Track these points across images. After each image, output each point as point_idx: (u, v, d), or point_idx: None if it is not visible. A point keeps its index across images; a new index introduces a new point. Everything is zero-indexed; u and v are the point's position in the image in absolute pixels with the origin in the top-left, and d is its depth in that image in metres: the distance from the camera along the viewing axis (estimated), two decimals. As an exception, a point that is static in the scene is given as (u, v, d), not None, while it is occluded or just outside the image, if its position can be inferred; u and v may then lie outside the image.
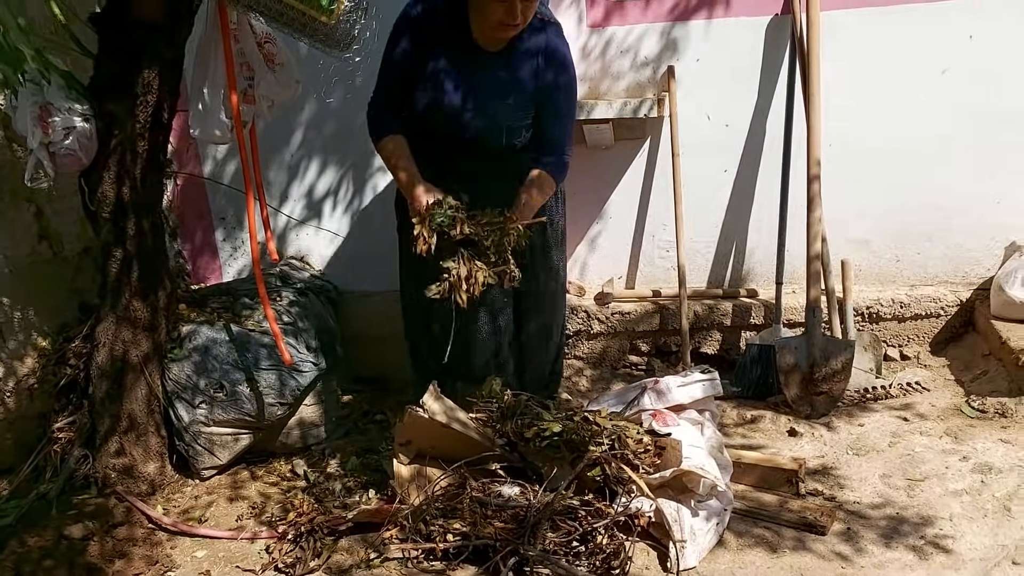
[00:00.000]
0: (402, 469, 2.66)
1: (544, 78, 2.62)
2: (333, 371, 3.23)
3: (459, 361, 2.83)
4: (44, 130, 2.45)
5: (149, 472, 2.89)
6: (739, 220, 3.54)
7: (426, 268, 2.72)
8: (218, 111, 2.59)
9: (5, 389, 3.02)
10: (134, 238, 2.73)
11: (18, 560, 2.44)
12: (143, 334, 2.82)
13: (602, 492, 2.47)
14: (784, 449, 2.95)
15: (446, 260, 2.48)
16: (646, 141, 3.50)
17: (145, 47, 2.51)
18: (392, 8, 2.56)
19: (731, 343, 3.57)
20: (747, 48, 3.33)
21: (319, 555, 2.52)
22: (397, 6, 2.75)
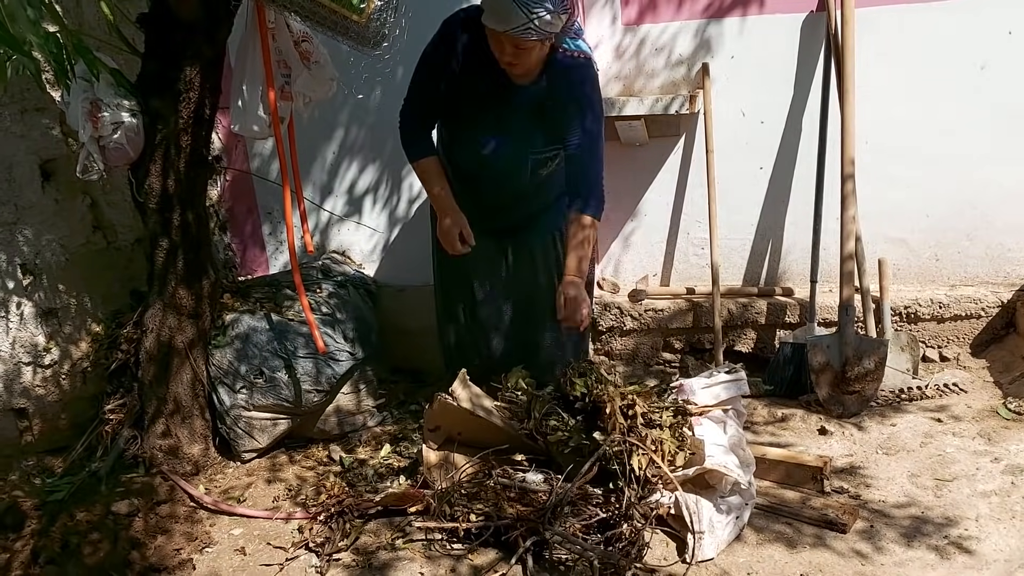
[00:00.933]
0: (431, 455, 2.74)
1: (578, 118, 2.62)
2: (369, 361, 3.33)
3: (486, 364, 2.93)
4: (94, 125, 2.60)
5: (193, 453, 3.01)
6: (775, 218, 3.53)
7: (455, 271, 2.86)
8: (257, 107, 2.71)
9: (61, 372, 3.19)
10: (179, 229, 2.86)
11: (67, 532, 2.57)
12: (188, 321, 2.96)
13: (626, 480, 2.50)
14: (813, 447, 2.94)
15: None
16: (680, 139, 3.52)
17: (187, 46, 2.64)
18: (422, 7, 2.64)
19: (765, 342, 3.56)
20: (782, 45, 3.32)
21: (347, 536, 2.61)
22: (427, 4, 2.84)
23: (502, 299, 3.00)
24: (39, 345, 3.14)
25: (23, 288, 3.08)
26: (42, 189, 3.06)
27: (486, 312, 3.01)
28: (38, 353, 3.14)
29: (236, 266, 3.88)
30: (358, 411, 3.29)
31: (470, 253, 2.82)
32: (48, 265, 3.10)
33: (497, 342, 3.04)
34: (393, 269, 3.75)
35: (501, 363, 2.96)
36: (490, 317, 3.02)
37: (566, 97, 2.62)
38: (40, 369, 3.16)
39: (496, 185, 2.79)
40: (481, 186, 2.80)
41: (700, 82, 3.40)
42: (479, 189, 2.81)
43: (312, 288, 3.32)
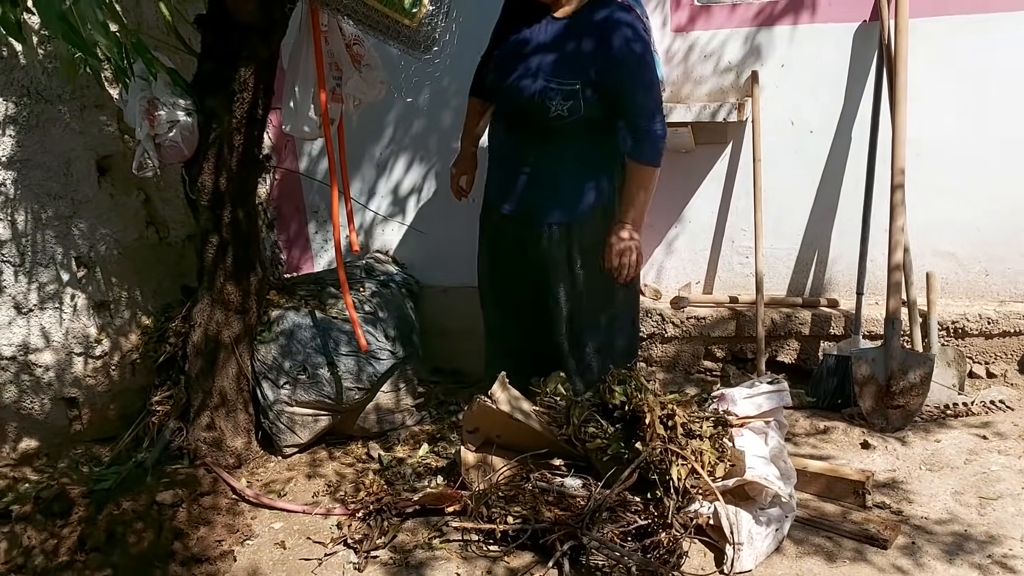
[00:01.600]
0: (468, 456, 2.76)
1: (607, 51, 2.63)
2: (410, 361, 3.36)
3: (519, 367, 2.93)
4: (151, 123, 2.66)
5: (236, 446, 3.06)
6: (822, 228, 3.50)
7: (487, 270, 2.96)
8: (308, 108, 2.75)
9: (111, 363, 3.26)
10: (229, 225, 2.91)
11: (113, 521, 2.62)
12: (235, 316, 3.01)
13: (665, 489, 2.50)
14: (855, 461, 2.91)
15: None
16: (727, 146, 3.50)
17: (242, 47, 2.68)
18: (473, 11, 2.67)
19: (809, 353, 3.53)
20: (833, 54, 3.29)
21: (385, 534, 2.63)
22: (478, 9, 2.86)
23: (527, 299, 3.00)
24: (91, 336, 3.22)
25: (77, 280, 3.16)
26: (98, 184, 3.13)
27: (514, 313, 3.06)
28: (89, 344, 3.22)
29: (282, 263, 3.94)
30: (397, 410, 3.32)
31: (497, 256, 2.96)
32: (102, 258, 3.18)
33: (528, 344, 3.06)
34: (436, 270, 3.79)
35: (534, 366, 2.96)
36: (518, 318, 3.06)
37: (600, 39, 2.64)
38: (91, 360, 3.23)
39: (513, 124, 2.84)
40: (504, 131, 2.90)
41: (749, 90, 3.38)
42: (503, 138, 2.90)
43: (355, 287, 3.36)
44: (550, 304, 2.94)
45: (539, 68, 2.68)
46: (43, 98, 2.99)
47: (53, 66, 2.95)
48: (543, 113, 2.68)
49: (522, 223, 2.90)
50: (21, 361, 3.16)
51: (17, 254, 3.07)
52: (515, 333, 3.11)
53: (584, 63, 2.64)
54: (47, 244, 3.09)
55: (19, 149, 3.00)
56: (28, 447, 3.26)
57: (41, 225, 3.07)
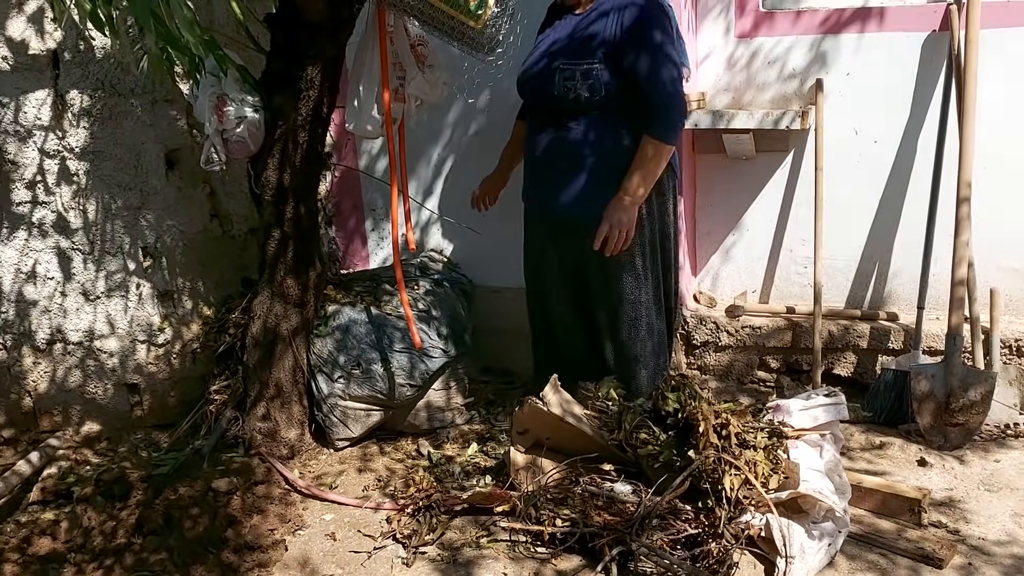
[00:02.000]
0: (518, 457, 2.77)
1: (619, 30, 2.69)
2: (461, 359, 3.38)
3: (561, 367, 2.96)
4: (219, 118, 2.72)
5: (290, 438, 3.11)
6: (883, 240, 3.44)
7: (530, 271, 3.05)
8: (371, 108, 2.79)
9: (172, 351, 3.34)
10: (291, 221, 2.97)
11: (169, 506, 2.68)
12: (293, 310, 3.06)
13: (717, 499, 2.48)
14: (911, 478, 2.85)
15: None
16: (789, 154, 3.46)
17: (310, 46, 2.73)
18: (537, 13, 2.68)
19: (866, 367, 3.47)
20: (901, 64, 3.23)
21: (434, 530, 2.65)
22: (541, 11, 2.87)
23: (563, 297, 3.05)
24: (154, 325, 3.30)
25: (143, 270, 3.24)
26: (166, 177, 3.21)
27: (554, 312, 3.09)
28: (152, 332, 3.30)
29: (339, 259, 4.00)
30: (447, 408, 3.35)
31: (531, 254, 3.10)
32: (168, 249, 3.26)
33: (569, 343, 3.10)
34: (489, 270, 3.80)
35: (574, 366, 3.02)
36: (560, 317, 3.09)
37: (614, 20, 2.70)
38: (153, 348, 3.32)
39: (539, 118, 2.92)
40: (531, 129, 2.96)
41: (812, 98, 3.34)
42: (530, 137, 2.96)
43: (410, 285, 3.40)
44: (578, 302, 3.01)
45: (557, 54, 2.78)
46: (116, 92, 3.08)
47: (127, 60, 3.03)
48: (564, 96, 2.74)
49: (548, 220, 2.97)
50: (87, 347, 3.26)
51: (87, 243, 3.17)
52: (555, 333, 3.14)
53: (598, 43, 2.71)
54: (116, 234, 3.19)
55: (92, 141, 3.09)
56: (91, 430, 3.35)
57: (111, 215, 3.16)
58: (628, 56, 2.68)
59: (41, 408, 3.33)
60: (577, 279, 2.98)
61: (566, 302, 3.04)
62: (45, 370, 3.29)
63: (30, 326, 3.23)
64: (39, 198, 3.13)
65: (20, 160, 3.09)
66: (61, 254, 3.19)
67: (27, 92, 3.04)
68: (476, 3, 2.53)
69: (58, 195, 3.13)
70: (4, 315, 3.23)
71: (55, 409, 3.33)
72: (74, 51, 3.03)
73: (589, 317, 3.02)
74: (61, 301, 3.22)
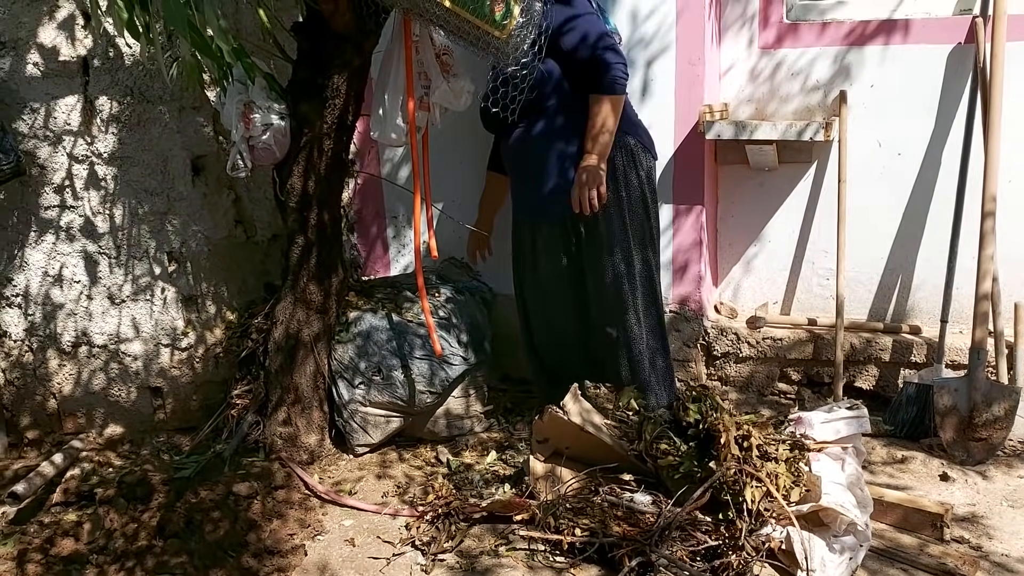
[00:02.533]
0: (537, 466, 2.77)
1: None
2: (481, 367, 3.39)
3: (555, 360, 3.19)
4: (246, 125, 2.75)
5: (310, 443, 3.13)
6: (906, 253, 3.42)
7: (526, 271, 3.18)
8: (396, 116, 2.81)
9: (195, 355, 3.37)
10: (315, 227, 2.99)
11: (191, 509, 2.70)
12: (315, 315, 3.08)
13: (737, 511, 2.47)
14: (933, 493, 2.83)
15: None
16: (812, 165, 3.45)
17: (336, 55, 2.76)
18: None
19: (888, 380, 3.45)
20: (925, 76, 3.22)
21: (452, 538, 2.66)
22: (567, 23, 2.86)
23: (550, 294, 3.18)
24: (178, 329, 3.33)
25: (168, 274, 3.28)
26: (192, 183, 3.25)
27: (543, 311, 3.22)
28: (176, 336, 3.33)
29: (360, 266, 4.02)
30: (466, 415, 3.35)
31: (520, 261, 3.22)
32: (192, 254, 3.29)
33: (554, 341, 3.24)
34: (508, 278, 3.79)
35: (561, 361, 3.22)
36: (547, 316, 3.23)
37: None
38: (177, 352, 3.35)
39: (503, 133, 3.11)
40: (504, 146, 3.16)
41: (836, 109, 3.33)
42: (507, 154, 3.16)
43: (431, 292, 3.41)
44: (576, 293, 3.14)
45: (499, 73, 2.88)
46: (144, 98, 3.12)
47: (155, 67, 3.07)
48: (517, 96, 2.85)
49: (531, 224, 3.12)
50: (111, 350, 3.30)
51: (113, 247, 3.21)
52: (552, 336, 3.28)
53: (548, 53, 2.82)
54: (142, 238, 3.22)
55: (120, 146, 3.13)
56: (114, 433, 3.39)
57: (137, 220, 3.20)
58: (568, 44, 2.84)
59: (65, 410, 3.37)
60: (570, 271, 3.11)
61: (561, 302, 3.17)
62: (70, 373, 3.32)
63: (56, 329, 3.27)
64: (67, 202, 3.17)
65: (49, 165, 3.13)
66: (88, 258, 3.23)
67: (57, 98, 3.08)
68: (501, 13, 2.55)
69: (86, 199, 3.17)
70: (31, 318, 3.27)
71: (79, 411, 3.37)
72: (104, 58, 3.07)
73: (584, 310, 3.15)
74: (87, 304, 3.26)
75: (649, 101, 3.35)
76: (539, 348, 3.31)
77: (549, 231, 3.07)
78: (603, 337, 3.12)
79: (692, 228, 3.43)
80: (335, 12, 2.61)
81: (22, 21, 3.02)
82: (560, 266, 3.10)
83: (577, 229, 3.03)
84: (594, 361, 3.17)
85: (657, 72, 3.31)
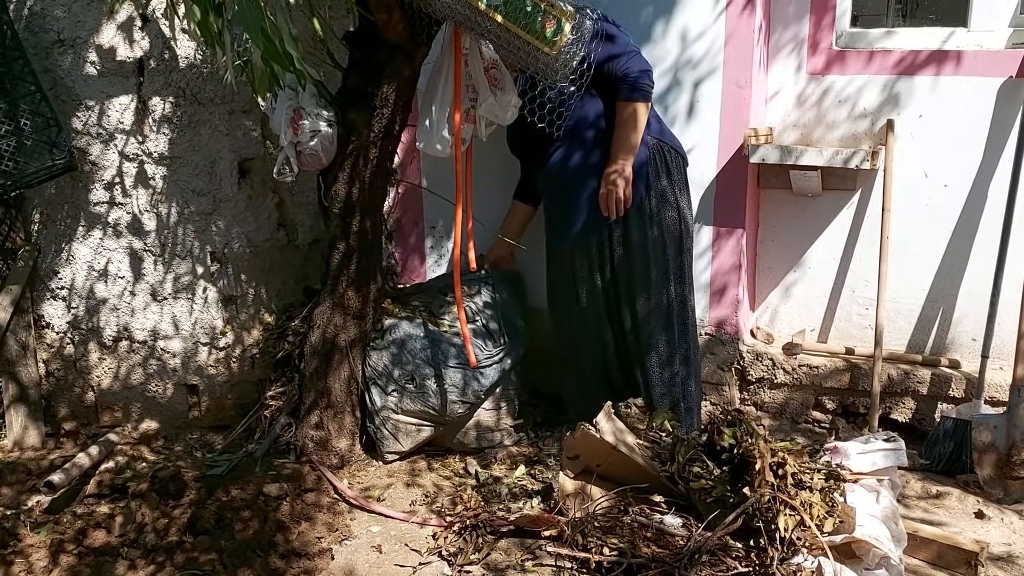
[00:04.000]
0: (567, 482, 2.76)
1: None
2: (512, 381, 3.39)
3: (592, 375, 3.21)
4: (295, 131, 2.79)
5: (341, 447, 3.15)
6: (949, 285, 3.38)
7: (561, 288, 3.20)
8: (443, 128, 2.83)
9: (232, 355, 3.41)
10: (356, 234, 3.02)
11: (222, 507, 2.73)
12: (352, 321, 3.11)
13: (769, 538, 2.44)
14: (968, 530, 2.78)
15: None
16: (856, 193, 3.42)
17: (387, 65, 2.80)
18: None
19: (925, 413, 3.40)
20: (975, 108, 3.19)
21: (480, 550, 2.66)
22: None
23: (587, 316, 3.20)
24: (217, 328, 3.37)
25: (210, 274, 3.32)
26: (238, 185, 3.30)
27: (579, 332, 3.24)
28: (215, 336, 3.37)
29: (396, 274, 4.04)
30: (496, 428, 3.35)
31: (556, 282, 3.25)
32: (235, 255, 3.34)
33: (591, 363, 3.26)
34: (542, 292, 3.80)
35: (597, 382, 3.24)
36: (583, 337, 3.24)
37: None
38: (215, 351, 3.39)
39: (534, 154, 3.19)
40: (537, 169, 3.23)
41: (883, 138, 3.30)
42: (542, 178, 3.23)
43: (468, 297, 3.39)
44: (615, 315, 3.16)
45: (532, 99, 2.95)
46: (196, 100, 3.17)
47: (208, 70, 3.13)
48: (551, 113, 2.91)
49: (571, 249, 3.16)
50: (151, 346, 3.34)
51: (158, 245, 3.26)
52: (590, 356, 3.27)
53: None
54: (186, 238, 3.27)
55: (170, 147, 3.19)
56: (148, 428, 3.43)
57: (183, 219, 3.25)
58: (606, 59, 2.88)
59: (103, 403, 3.42)
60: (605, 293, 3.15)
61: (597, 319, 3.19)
62: (109, 366, 3.38)
63: (98, 323, 3.33)
64: (116, 199, 3.23)
65: (101, 162, 3.20)
66: (133, 254, 3.28)
67: (112, 97, 3.15)
68: (552, 30, 2.57)
69: (134, 197, 3.23)
70: (74, 311, 3.33)
71: (116, 405, 3.42)
72: (159, 59, 3.13)
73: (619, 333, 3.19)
74: (130, 300, 3.31)
75: (694, 122, 3.35)
76: (576, 369, 3.31)
77: (586, 255, 3.12)
78: (639, 360, 3.15)
79: (732, 251, 3.41)
80: (389, 22, 2.64)
81: (82, 20, 3.10)
82: (597, 289, 3.15)
83: (614, 250, 3.08)
84: (630, 384, 3.21)
85: (704, 93, 3.31)
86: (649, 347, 3.12)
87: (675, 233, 3.08)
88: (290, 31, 1.93)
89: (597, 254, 3.11)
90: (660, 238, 3.06)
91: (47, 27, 3.10)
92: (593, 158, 3.03)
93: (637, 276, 3.08)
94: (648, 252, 3.06)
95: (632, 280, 3.09)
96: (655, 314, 3.10)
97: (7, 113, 2.93)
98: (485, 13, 2.51)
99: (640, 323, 3.11)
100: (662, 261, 3.07)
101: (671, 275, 3.09)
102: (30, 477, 2.97)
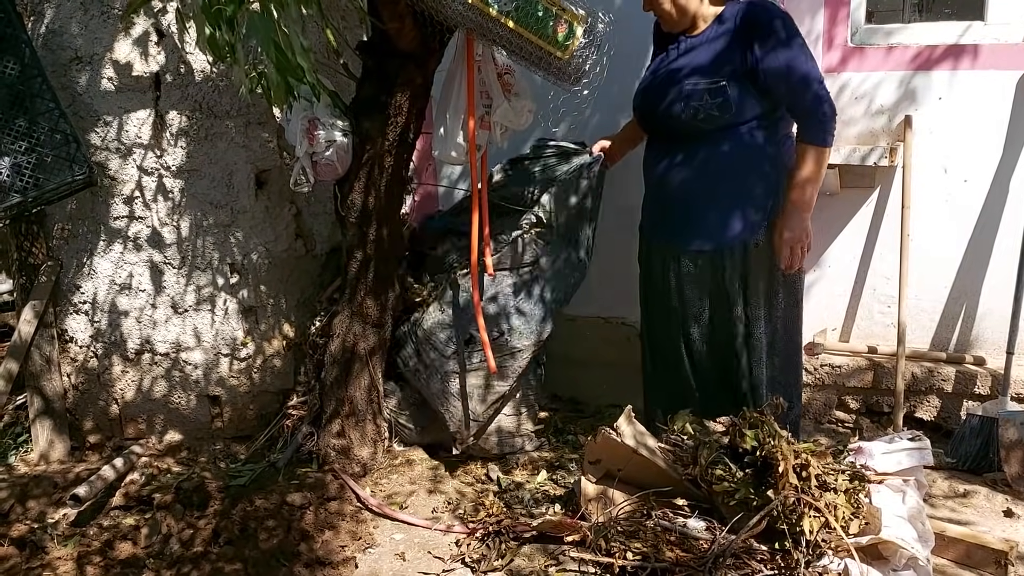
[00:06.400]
0: (589, 487, 2.75)
1: (748, 37, 2.64)
2: (533, 387, 3.38)
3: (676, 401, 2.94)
4: (310, 141, 2.81)
5: (363, 456, 3.15)
6: (972, 281, 3.34)
7: (654, 303, 2.96)
8: (457, 135, 2.83)
9: (253, 366, 3.43)
10: (374, 243, 3.03)
11: (246, 517, 2.75)
12: (371, 329, 3.11)
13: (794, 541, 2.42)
14: (996, 529, 2.75)
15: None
16: (875, 190, 3.40)
17: (400, 73, 2.81)
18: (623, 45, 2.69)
19: (950, 411, 3.36)
20: (994, 103, 3.16)
21: (503, 556, 2.65)
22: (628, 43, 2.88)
23: (680, 326, 2.95)
24: (237, 339, 3.39)
25: (230, 286, 3.34)
26: (255, 197, 3.32)
27: (672, 343, 2.99)
28: (236, 346, 3.39)
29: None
30: (517, 434, 3.35)
31: (649, 287, 2.98)
32: (254, 266, 3.35)
33: (690, 378, 3.01)
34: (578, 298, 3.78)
35: (696, 399, 2.97)
36: (676, 348, 2.99)
37: (740, 30, 2.66)
38: (236, 361, 3.41)
39: (662, 145, 2.88)
40: (654, 156, 2.92)
41: (901, 134, 3.28)
42: (653, 164, 2.91)
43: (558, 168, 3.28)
44: (701, 335, 2.93)
45: (681, 77, 2.73)
46: (213, 113, 3.20)
47: (225, 84, 3.15)
48: (692, 118, 2.70)
49: (666, 250, 2.92)
50: (173, 358, 3.37)
51: (178, 257, 3.29)
52: (672, 368, 3.03)
53: (726, 58, 2.67)
54: (206, 250, 3.29)
55: (188, 160, 3.21)
56: (172, 439, 3.45)
57: (202, 231, 3.27)
58: (770, 69, 2.62)
59: (127, 416, 3.44)
60: (713, 307, 2.89)
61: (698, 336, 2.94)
62: (132, 379, 3.40)
63: (121, 335, 3.35)
64: (136, 213, 3.26)
65: (120, 176, 3.22)
66: (153, 267, 3.31)
67: (130, 112, 3.18)
68: (564, 34, 2.57)
69: (154, 211, 3.25)
70: (97, 324, 3.36)
71: (140, 417, 3.44)
72: (175, 74, 3.16)
73: (723, 347, 2.92)
74: (151, 313, 3.34)
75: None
76: (661, 386, 3.12)
77: (692, 261, 2.86)
78: (735, 384, 2.94)
79: (750, 251, 3.39)
80: (401, 31, 2.65)
81: (98, 37, 3.13)
82: (696, 303, 2.90)
83: (723, 265, 2.83)
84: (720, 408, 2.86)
85: (718, 93, 3.29)
86: (748, 370, 2.91)
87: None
88: (301, 43, 1.94)
89: (708, 262, 2.84)
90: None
91: (64, 44, 3.13)
92: (723, 160, 2.75)
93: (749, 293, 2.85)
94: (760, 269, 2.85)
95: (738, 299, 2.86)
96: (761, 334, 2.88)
97: (27, 130, 2.96)
98: (496, 19, 2.51)
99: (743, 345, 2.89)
100: (772, 281, 2.88)
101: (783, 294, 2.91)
102: (56, 490, 2.99)
